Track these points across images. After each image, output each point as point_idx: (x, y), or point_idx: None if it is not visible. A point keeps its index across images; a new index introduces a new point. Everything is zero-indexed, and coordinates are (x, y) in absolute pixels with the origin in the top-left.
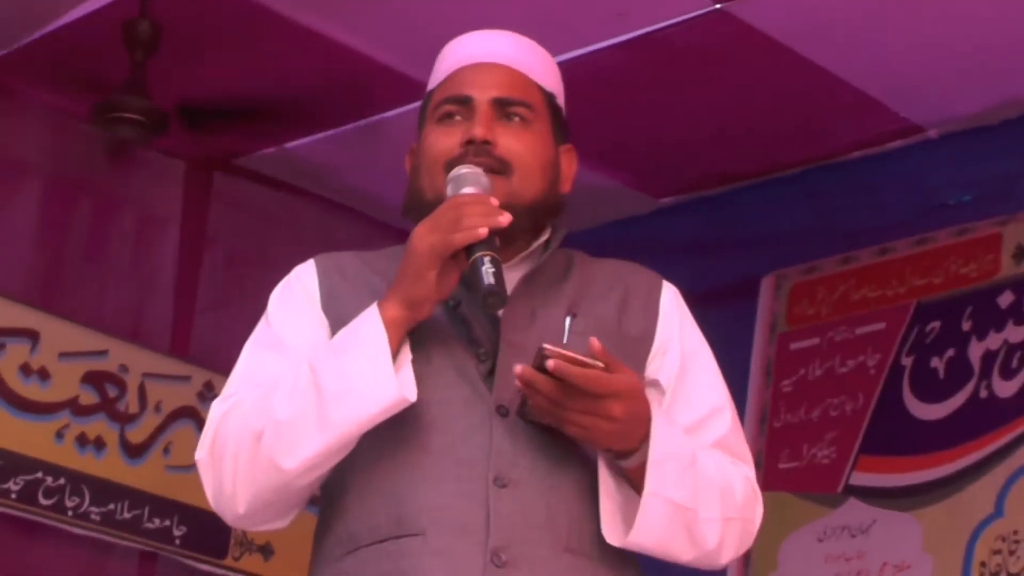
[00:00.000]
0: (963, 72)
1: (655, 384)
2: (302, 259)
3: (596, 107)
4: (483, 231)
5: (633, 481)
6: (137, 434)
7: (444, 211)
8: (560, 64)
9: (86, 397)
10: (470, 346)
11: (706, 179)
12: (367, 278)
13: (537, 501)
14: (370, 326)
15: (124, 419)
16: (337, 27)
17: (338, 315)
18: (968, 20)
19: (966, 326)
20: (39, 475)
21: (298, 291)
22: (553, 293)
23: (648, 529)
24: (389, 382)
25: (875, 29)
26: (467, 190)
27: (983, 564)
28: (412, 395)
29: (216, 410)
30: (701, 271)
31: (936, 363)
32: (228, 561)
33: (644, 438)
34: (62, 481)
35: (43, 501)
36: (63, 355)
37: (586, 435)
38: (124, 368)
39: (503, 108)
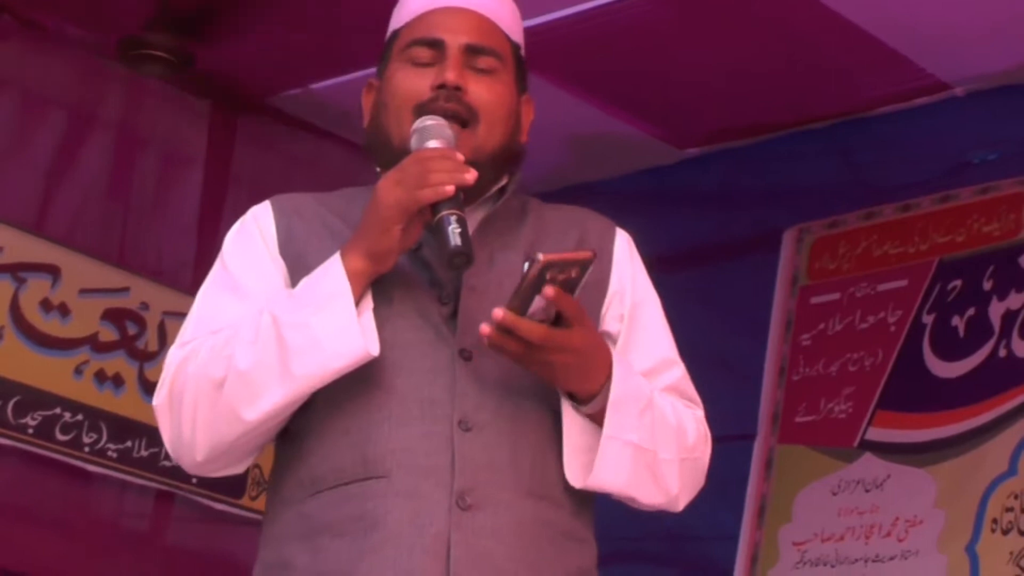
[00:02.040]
0: (991, 30)
1: (607, 333)
2: None
3: (621, 57)
4: (450, 189)
5: (599, 425)
6: (156, 372)
7: (410, 165)
8: (584, 13)
9: (106, 334)
10: (432, 288)
11: (731, 131)
12: (325, 219)
13: (501, 444)
14: (334, 278)
15: (143, 357)
16: None
17: (296, 256)
18: None
19: (987, 285)
20: (57, 410)
21: (255, 233)
22: (510, 237)
23: (608, 471)
24: (354, 337)
25: None
26: (432, 143)
27: (995, 521)
28: (375, 349)
29: (174, 356)
30: (724, 222)
31: (956, 321)
32: (245, 500)
33: (605, 381)
34: (80, 417)
35: (60, 437)
36: (84, 291)
37: (550, 372)
38: (145, 306)
39: (474, 55)
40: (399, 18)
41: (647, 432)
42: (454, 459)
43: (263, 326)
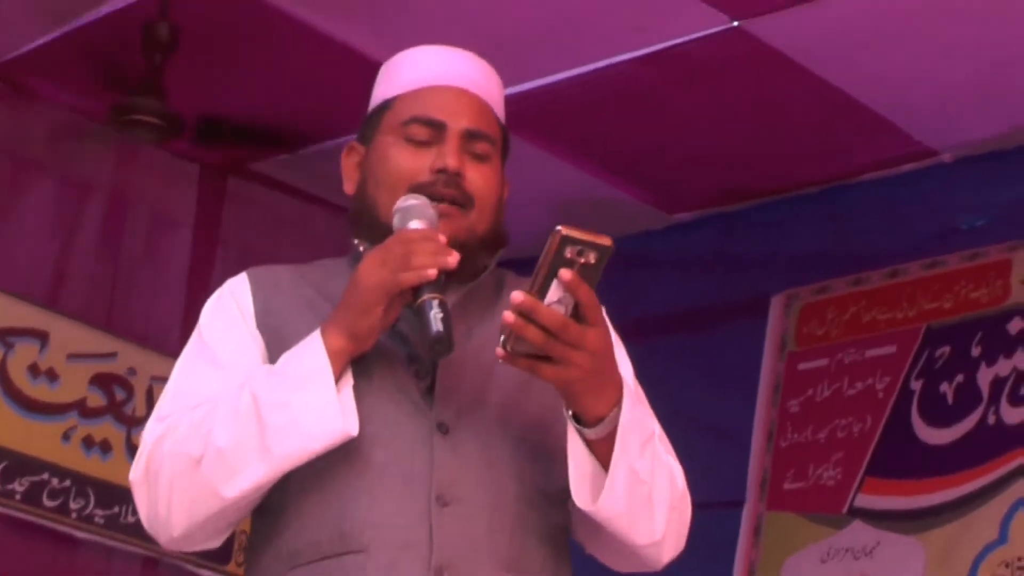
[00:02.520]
0: (979, 97)
1: None
2: None
3: (613, 120)
4: (432, 273)
5: (599, 456)
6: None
7: (393, 246)
8: (577, 77)
9: (94, 399)
10: (409, 363)
11: (720, 196)
12: (302, 291)
13: (479, 519)
14: (314, 357)
15: (131, 422)
16: (355, 33)
17: (273, 330)
18: (984, 45)
19: (976, 351)
20: (45, 476)
21: (231, 306)
22: (487, 312)
23: (616, 497)
24: (334, 417)
25: (891, 51)
26: (414, 224)
27: None
28: (354, 429)
29: (151, 430)
30: (713, 287)
31: (945, 388)
32: (231, 567)
33: (614, 404)
34: (67, 483)
35: (47, 503)
36: (72, 356)
37: (564, 374)
38: (132, 371)
39: (472, 140)
40: (391, 86)
41: (647, 465)
42: (432, 534)
43: (242, 404)
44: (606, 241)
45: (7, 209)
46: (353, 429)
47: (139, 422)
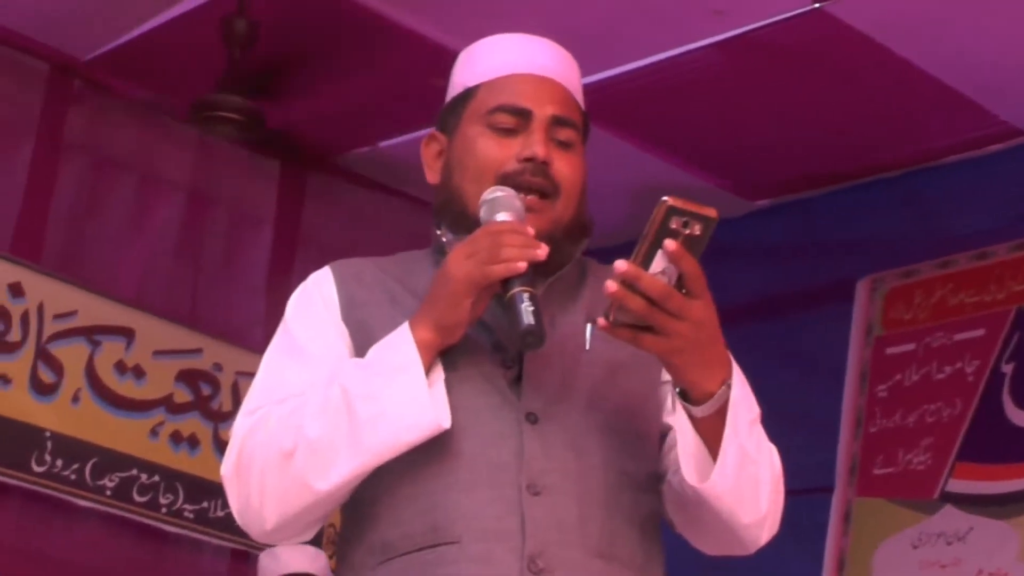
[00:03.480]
0: None
1: (667, 383)
2: None
3: (692, 107)
4: (522, 266)
5: (704, 434)
6: (230, 432)
7: (481, 238)
8: (651, 65)
9: (180, 395)
10: (495, 353)
11: (801, 181)
12: (385, 284)
13: (569, 507)
14: (404, 350)
15: (218, 417)
16: (431, 25)
17: (358, 323)
18: None
19: None
20: (134, 472)
21: (317, 299)
22: (571, 301)
23: (726, 474)
24: (425, 409)
25: (974, 30)
26: (501, 215)
27: None
28: (446, 421)
29: (241, 424)
30: (796, 274)
31: None
32: None
33: (723, 382)
34: (156, 478)
35: (137, 498)
36: (157, 353)
37: (666, 344)
38: (218, 366)
39: (557, 127)
40: (474, 75)
41: (755, 443)
42: (523, 523)
43: (333, 397)
44: (712, 212)
45: (91, 208)
46: (445, 421)
47: (226, 417)
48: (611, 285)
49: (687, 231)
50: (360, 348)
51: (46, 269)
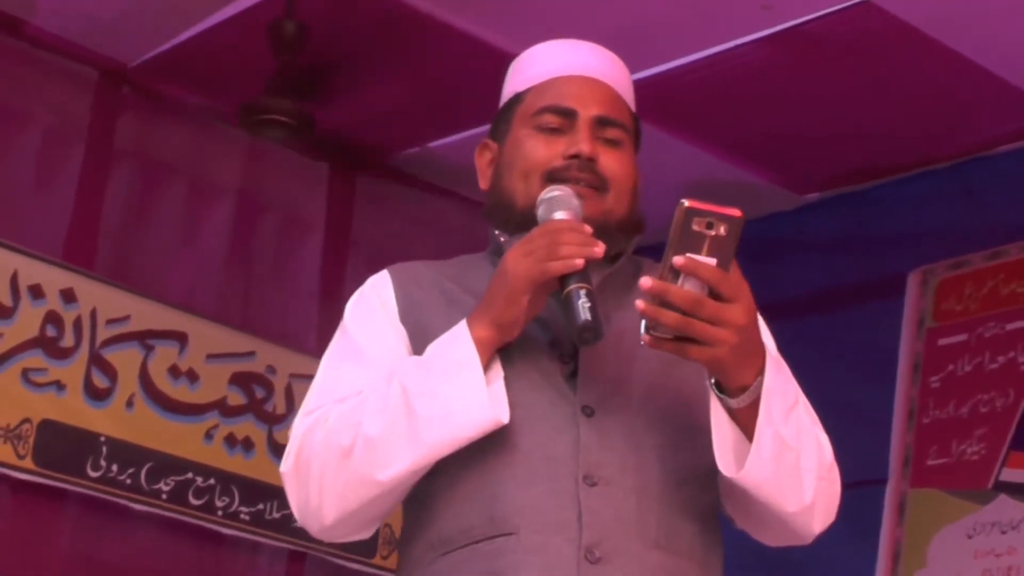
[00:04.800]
0: None
1: None
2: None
3: (740, 102)
4: (580, 263)
5: (742, 425)
6: (285, 435)
7: (539, 236)
8: (699, 61)
9: (234, 398)
10: (551, 348)
11: (851, 174)
12: (442, 285)
13: (627, 498)
14: (462, 347)
15: (272, 420)
16: (480, 25)
17: (416, 324)
18: None
19: None
20: (189, 475)
21: (375, 302)
22: (624, 296)
23: (761, 463)
24: (483, 406)
25: (1023, 20)
26: (559, 214)
27: None
28: (505, 416)
29: (300, 424)
30: (846, 267)
31: None
32: (376, 560)
33: (758, 373)
34: (212, 481)
35: (193, 501)
36: (210, 356)
37: (710, 352)
38: (271, 369)
39: (603, 126)
40: (522, 80)
41: (793, 431)
42: (581, 514)
43: (392, 394)
44: (735, 212)
45: (141, 213)
46: (504, 416)
47: (280, 420)
48: (640, 304)
49: (712, 232)
50: (418, 348)
51: (98, 275)
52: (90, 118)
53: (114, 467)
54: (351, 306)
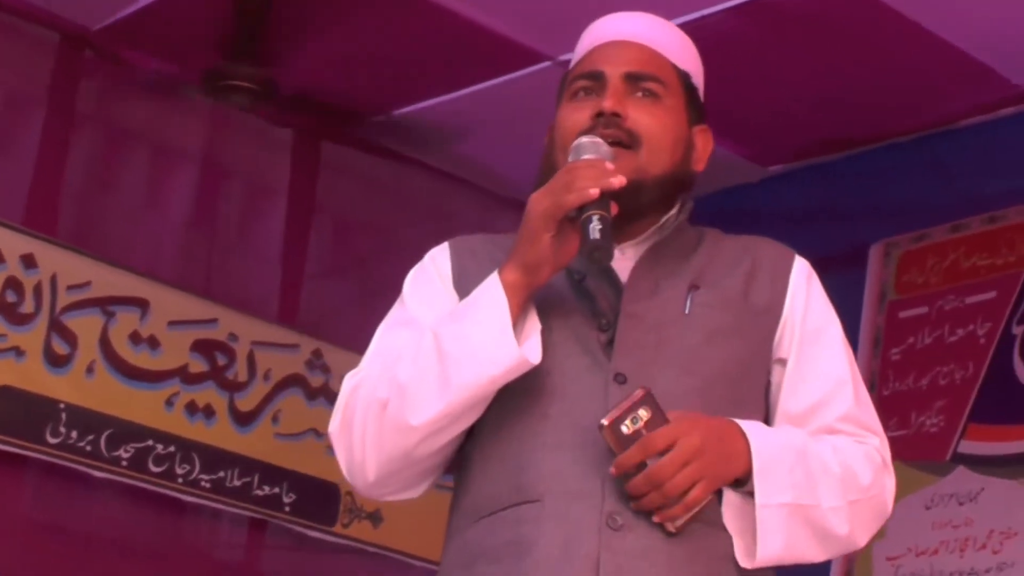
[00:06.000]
0: None
1: (780, 360)
2: (410, 228)
3: (705, 72)
4: (594, 191)
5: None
6: (246, 402)
7: (558, 176)
8: None
9: (195, 365)
10: (593, 318)
11: (815, 147)
12: (495, 256)
13: None
14: (490, 291)
15: (233, 387)
16: None
17: (467, 291)
18: None
19: None
20: (149, 442)
21: (431, 271)
22: (678, 266)
23: (771, 541)
24: (509, 344)
25: None
26: (585, 158)
27: None
28: (535, 357)
29: (347, 384)
30: (809, 240)
31: None
32: (337, 528)
33: (747, 459)
34: (172, 449)
35: (153, 468)
36: (172, 323)
37: (706, 487)
38: (233, 336)
39: (635, 83)
40: (572, 61)
41: (802, 486)
42: (603, 483)
43: (424, 343)
44: (639, 393)
45: (103, 179)
46: (533, 357)
47: (241, 387)
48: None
49: (641, 420)
50: None
51: (59, 240)
52: (51, 82)
53: (73, 434)
54: (410, 277)
